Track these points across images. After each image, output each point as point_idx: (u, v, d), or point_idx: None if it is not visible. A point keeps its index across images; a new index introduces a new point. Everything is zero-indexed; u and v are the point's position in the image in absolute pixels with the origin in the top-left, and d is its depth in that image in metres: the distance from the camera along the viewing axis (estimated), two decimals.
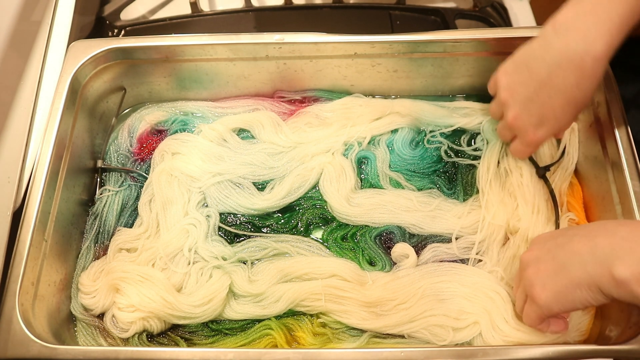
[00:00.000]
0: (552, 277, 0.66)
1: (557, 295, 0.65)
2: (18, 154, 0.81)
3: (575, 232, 0.67)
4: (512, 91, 0.76)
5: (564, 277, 0.65)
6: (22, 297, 0.72)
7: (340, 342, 0.78)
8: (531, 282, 0.68)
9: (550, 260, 0.67)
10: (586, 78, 0.69)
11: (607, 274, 0.60)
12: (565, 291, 0.65)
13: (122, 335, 0.79)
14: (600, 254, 0.62)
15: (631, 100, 0.95)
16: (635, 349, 0.68)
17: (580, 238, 0.65)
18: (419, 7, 1.07)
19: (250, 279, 0.82)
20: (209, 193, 0.89)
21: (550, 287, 0.66)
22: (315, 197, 0.90)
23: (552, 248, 0.67)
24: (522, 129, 0.77)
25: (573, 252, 0.64)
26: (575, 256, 0.64)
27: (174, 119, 0.97)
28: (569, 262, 0.65)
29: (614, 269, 0.60)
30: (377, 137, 0.94)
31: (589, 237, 0.64)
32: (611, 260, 0.60)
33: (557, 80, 0.70)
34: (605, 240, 0.62)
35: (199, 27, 1.06)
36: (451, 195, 0.89)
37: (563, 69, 0.69)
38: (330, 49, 0.90)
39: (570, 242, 0.66)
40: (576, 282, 0.63)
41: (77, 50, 0.89)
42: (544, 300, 0.66)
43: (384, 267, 0.83)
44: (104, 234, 0.87)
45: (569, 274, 0.64)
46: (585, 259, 0.63)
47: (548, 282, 0.66)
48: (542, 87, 0.72)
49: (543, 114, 0.74)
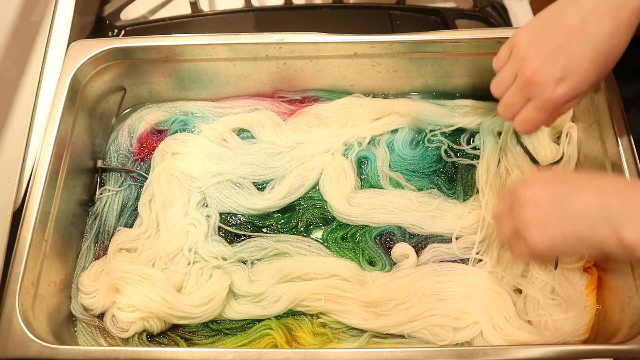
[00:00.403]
0: (553, 225, 0.64)
1: (554, 243, 0.65)
2: (18, 154, 0.81)
3: (585, 185, 0.65)
4: (535, 44, 0.71)
5: (567, 229, 0.63)
6: (22, 297, 0.72)
7: (340, 342, 0.78)
8: (528, 224, 0.66)
9: (553, 208, 0.65)
10: (621, 28, 0.66)
11: (615, 236, 0.60)
12: (565, 243, 0.64)
13: (122, 335, 0.79)
14: (610, 216, 0.61)
15: (631, 100, 0.95)
16: (635, 349, 0.68)
17: (592, 194, 0.63)
18: (419, 7, 1.07)
19: (250, 279, 0.82)
20: (209, 193, 0.89)
21: (549, 234, 0.65)
22: (315, 197, 0.90)
23: (557, 195, 0.65)
24: (541, 83, 0.70)
25: (581, 206, 0.63)
26: (583, 211, 0.63)
27: (174, 119, 0.97)
28: (575, 215, 0.63)
29: (623, 232, 0.59)
30: (377, 137, 0.94)
31: (600, 194, 0.62)
32: (621, 223, 0.60)
33: (592, 27, 0.67)
34: (616, 201, 0.61)
35: (199, 27, 1.06)
36: (451, 195, 0.89)
37: (600, 15, 0.67)
38: (330, 49, 0.90)
39: (579, 194, 0.64)
40: (579, 237, 0.63)
41: (77, 50, 0.89)
42: (539, 245, 0.65)
43: (384, 267, 0.83)
44: (104, 234, 0.87)
45: (573, 227, 0.63)
46: (593, 216, 0.62)
47: (548, 230, 0.65)
48: (573, 35, 0.68)
49: (568, 66, 0.69)
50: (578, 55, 0.68)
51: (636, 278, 0.75)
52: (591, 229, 0.62)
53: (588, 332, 0.78)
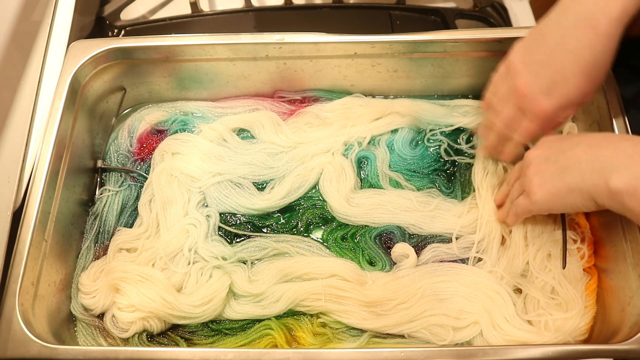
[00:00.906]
0: (550, 178, 0.70)
1: (551, 195, 0.70)
2: (18, 154, 0.81)
3: (580, 140, 0.70)
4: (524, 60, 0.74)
5: (561, 180, 0.69)
6: (22, 297, 0.72)
7: (340, 342, 0.78)
8: (530, 179, 0.73)
9: (552, 163, 0.71)
10: (600, 39, 0.68)
11: (603, 184, 0.64)
12: (559, 194, 0.69)
13: (122, 335, 0.79)
14: (598, 164, 0.65)
15: (631, 100, 0.95)
16: (635, 349, 0.68)
17: (584, 147, 0.68)
18: (419, 7, 1.07)
19: (250, 279, 0.82)
20: (209, 193, 0.89)
21: (546, 187, 0.71)
22: (315, 197, 0.90)
23: (556, 152, 0.71)
24: (530, 97, 0.73)
25: (574, 158, 0.68)
26: (575, 163, 0.68)
27: (174, 119, 0.97)
28: (568, 167, 0.68)
29: (609, 179, 0.63)
30: (377, 137, 0.94)
31: (591, 147, 0.67)
32: (608, 171, 0.64)
33: (571, 40, 0.69)
34: (606, 151, 0.66)
35: (199, 27, 1.06)
36: (450, 194, 0.89)
37: (577, 28, 0.69)
38: (330, 49, 0.90)
39: (573, 149, 0.69)
40: (572, 187, 0.68)
41: (77, 50, 0.89)
42: (538, 197, 0.72)
43: (384, 267, 0.83)
44: (104, 234, 0.87)
45: (566, 178, 0.68)
46: (584, 167, 0.67)
47: (545, 182, 0.71)
48: (555, 50, 0.71)
49: (554, 79, 0.71)
50: (562, 69, 0.71)
51: (636, 278, 0.75)
52: (582, 178, 0.67)
53: (588, 332, 0.78)
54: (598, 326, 0.78)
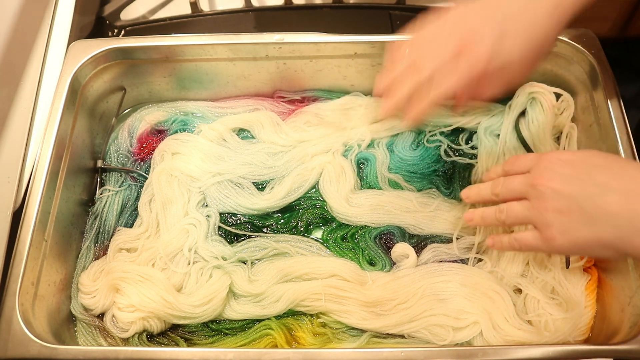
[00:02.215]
0: (575, 225, 0.63)
1: (575, 245, 0.63)
2: (18, 154, 0.81)
3: (609, 185, 0.62)
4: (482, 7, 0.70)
5: (592, 233, 0.62)
6: (22, 297, 0.72)
7: (340, 342, 0.78)
8: (547, 220, 0.64)
9: (576, 208, 0.62)
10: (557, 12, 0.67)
11: None
12: (587, 245, 0.63)
13: (122, 335, 0.79)
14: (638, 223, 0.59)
15: (631, 100, 0.95)
16: (635, 349, 0.68)
17: (617, 197, 0.61)
18: (419, 7, 1.07)
19: (250, 279, 0.82)
20: (209, 193, 0.89)
21: (572, 237, 0.63)
22: (315, 197, 0.90)
23: (580, 195, 0.63)
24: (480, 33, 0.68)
25: (607, 211, 0.61)
26: (609, 216, 0.61)
27: (174, 119, 0.97)
28: (600, 219, 0.61)
29: None
30: (377, 139, 0.94)
31: (627, 198, 0.60)
32: None
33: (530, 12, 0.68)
34: None
35: (199, 27, 1.06)
36: (449, 194, 0.89)
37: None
38: (330, 49, 0.90)
39: (604, 197, 0.61)
40: (604, 243, 0.61)
41: (77, 50, 0.89)
42: (559, 244, 0.64)
43: (384, 267, 0.83)
44: (104, 234, 0.87)
45: (597, 231, 0.61)
46: (620, 223, 0.60)
47: (571, 232, 0.63)
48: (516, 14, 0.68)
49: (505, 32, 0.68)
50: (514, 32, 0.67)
51: (636, 278, 0.75)
52: (619, 236, 0.60)
53: (588, 332, 0.78)
54: (598, 326, 0.78)
